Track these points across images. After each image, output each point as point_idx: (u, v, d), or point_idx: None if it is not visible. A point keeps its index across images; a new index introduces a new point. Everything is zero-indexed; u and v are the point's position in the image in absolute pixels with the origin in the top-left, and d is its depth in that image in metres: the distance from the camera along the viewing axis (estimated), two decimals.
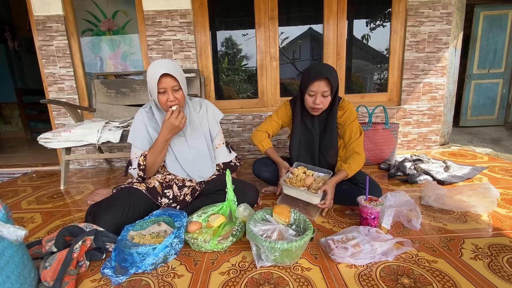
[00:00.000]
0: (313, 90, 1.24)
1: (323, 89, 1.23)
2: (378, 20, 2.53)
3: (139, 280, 0.85)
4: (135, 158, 1.22)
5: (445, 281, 0.78)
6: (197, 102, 1.37)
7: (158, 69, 1.10)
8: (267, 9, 2.31)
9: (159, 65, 1.11)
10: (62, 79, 2.32)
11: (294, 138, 1.43)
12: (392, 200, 1.13)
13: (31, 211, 1.48)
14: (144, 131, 1.24)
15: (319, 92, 1.24)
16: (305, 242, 0.87)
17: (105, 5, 2.31)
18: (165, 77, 1.11)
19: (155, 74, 1.10)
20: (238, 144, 2.45)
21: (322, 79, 1.21)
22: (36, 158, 2.93)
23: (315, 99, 1.25)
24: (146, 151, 1.18)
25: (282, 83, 2.51)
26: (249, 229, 0.91)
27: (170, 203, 1.19)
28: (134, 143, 1.23)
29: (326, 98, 1.26)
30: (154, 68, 1.11)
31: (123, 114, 2.12)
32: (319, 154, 1.42)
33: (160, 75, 1.09)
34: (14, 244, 0.71)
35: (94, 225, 1.01)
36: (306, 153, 1.45)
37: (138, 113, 1.26)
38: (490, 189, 1.21)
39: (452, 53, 2.45)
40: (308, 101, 1.29)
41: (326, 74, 1.21)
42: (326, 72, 1.22)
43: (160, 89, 1.13)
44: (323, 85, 1.22)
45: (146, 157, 1.17)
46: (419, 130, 2.47)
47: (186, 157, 1.26)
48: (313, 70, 1.24)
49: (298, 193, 1.20)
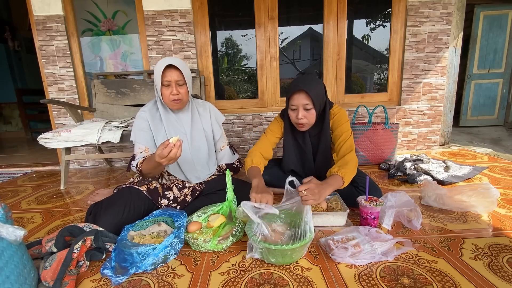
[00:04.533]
0: (293, 104, 1.18)
1: (303, 102, 1.15)
2: (378, 20, 2.53)
3: (139, 280, 0.85)
4: (139, 153, 1.21)
5: (445, 281, 0.78)
6: (200, 104, 1.37)
7: (164, 62, 1.12)
8: (267, 9, 2.31)
9: (167, 59, 1.13)
10: (62, 79, 2.32)
11: (286, 154, 1.38)
12: (392, 201, 1.13)
13: (31, 211, 1.48)
14: (146, 127, 1.23)
15: (300, 106, 1.16)
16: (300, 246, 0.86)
17: (105, 5, 2.31)
18: (170, 70, 1.12)
19: (161, 66, 1.12)
20: (238, 144, 2.45)
21: (300, 92, 1.14)
22: (36, 158, 2.93)
23: (297, 114, 1.18)
24: (144, 158, 1.15)
25: (282, 83, 2.51)
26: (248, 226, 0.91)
27: (170, 203, 1.19)
28: (136, 140, 1.22)
29: (310, 111, 1.17)
30: (161, 61, 1.13)
31: (123, 114, 2.12)
32: (315, 170, 1.37)
33: (165, 65, 1.11)
34: (13, 244, 0.71)
35: (94, 225, 1.01)
36: (302, 171, 1.40)
37: (139, 112, 1.26)
38: (490, 189, 1.21)
39: (452, 53, 2.45)
40: (292, 116, 1.22)
41: (304, 86, 1.13)
42: (304, 84, 1.14)
43: (164, 82, 1.13)
44: (303, 97, 1.14)
45: (142, 165, 1.14)
46: (419, 130, 2.47)
47: (185, 158, 1.26)
48: (292, 83, 1.19)
49: (324, 218, 1.12)
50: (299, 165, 1.40)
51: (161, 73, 1.12)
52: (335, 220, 1.12)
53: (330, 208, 1.17)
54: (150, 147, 1.22)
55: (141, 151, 1.20)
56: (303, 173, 1.42)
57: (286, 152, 1.37)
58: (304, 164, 1.39)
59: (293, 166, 1.39)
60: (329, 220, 1.13)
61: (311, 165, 1.36)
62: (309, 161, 1.36)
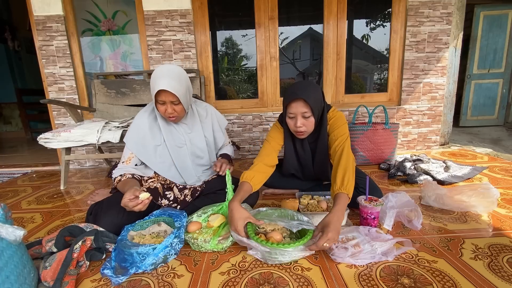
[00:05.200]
0: (291, 112, 1.13)
1: (301, 110, 1.10)
2: (378, 20, 2.53)
3: (139, 280, 0.85)
4: (121, 162, 1.20)
5: (445, 281, 0.78)
6: (202, 108, 1.34)
7: (159, 81, 1.04)
8: (267, 9, 2.31)
9: (162, 75, 1.05)
10: (62, 79, 2.32)
11: (286, 159, 1.36)
12: (393, 201, 1.13)
13: (31, 211, 1.48)
14: (141, 134, 1.20)
15: (298, 114, 1.12)
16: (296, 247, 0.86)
17: (105, 5, 2.31)
18: (165, 91, 1.06)
19: (155, 86, 1.05)
20: (238, 144, 2.45)
21: (298, 100, 1.09)
22: (36, 158, 2.93)
23: (295, 122, 1.13)
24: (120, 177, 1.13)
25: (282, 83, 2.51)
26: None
27: (170, 203, 1.19)
28: (126, 144, 1.20)
29: (309, 119, 1.13)
30: (156, 77, 1.05)
31: (123, 114, 2.12)
32: (314, 174, 1.38)
33: (158, 90, 1.05)
34: (13, 244, 0.71)
35: (94, 225, 1.01)
36: (301, 175, 1.41)
37: (139, 114, 1.23)
38: (490, 189, 1.21)
39: (452, 53, 2.45)
40: (290, 124, 1.18)
41: (302, 94, 1.08)
42: (302, 92, 1.09)
43: (159, 101, 1.10)
44: (301, 105, 1.10)
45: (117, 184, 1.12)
46: (419, 130, 2.47)
47: (186, 167, 1.25)
48: (290, 90, 1.14)
49: None
50: (299, 170, 1.40)
51: (154, 94, 1.08)
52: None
53: (330, 208, 1.17)
54: (137, 153, 1.19)
55: (124, 160, 1.19)
56: (302, 177, 1.43)
57: (286, 157, 1.36)
58: (303, 168, 1.39)
59: (293, 171, 1.40)
60: None
61: (310, 170, 1.37)
62: (308, 166, 1.36)
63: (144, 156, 1.20)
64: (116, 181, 1.12)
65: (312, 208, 1.18)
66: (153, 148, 1.21)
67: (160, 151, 1.22)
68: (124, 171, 1.15)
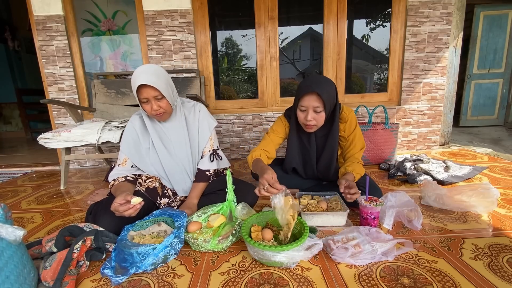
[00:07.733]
0: (303, 105, 1.13)
1: (314, 104, 1.11)
2: (378, 20, 2.53)
3: (139, 280, 0.85)
4: (117, 165, 1.21)
5: (445, 281, 0.78)
6: (189, 108, 1.29)
7: (137, 79, 1.04)
8: (267, 9, 2.31)
9: (139, 73, 1.04)
10: (62, 79, 2.32)
11: (289, 152, 1.34)
12: (393, 201, 1.13)
13: (31, 211, 1.48)
14: (134, 137, 1.21)
15: (310, 108, 1.12)
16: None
17: (105, 5, 2.31)
18: (145, 87, 1.05)
19: (134, 84, 1.05)
20: (238, 144, 2.45)
21: (312, 94, 1.10)
22: (36, 158, 2.93)
23: (306, 115, 1.14)
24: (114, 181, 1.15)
25: (282, 83, 2.51)
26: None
27: (170, 202, 1.19)
28: (121, 148, 1.21)
29: (319, 114, 1.13)
30: (134, 77, 1.05)
31: (123, 114, 2.12)
32: (316, 172, 1.36)
33: (137, 85, 1.04)
34: (13, 244, 0.71)
35: (94, 225, 1.01)
36: (303, 171, 1.39)
37: (132, 117, 1.24)
38: (490, 189, 1.21)
39: (452, 53, 2.45)
40: (300, 116, 1.18)
41: (317, 88, 1.08)
42: (317, 86, 1.09)
43: (142, 99, 1.09)
44: (314, 99, 1.10)
45: (111, 189, 1.14)
46: (419, 130, 2.47)
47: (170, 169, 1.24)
48: (304, 83, 1.14)
49: (324, 218, 1.12)
50: (301, 165, 1.38)
51: (135, 92, 1.07)
52: (335, 220, 1.12)
53: (330, 208, 1.17)
54: (130, 157, 1.20)
55: (119, 163, 1.20)
56: (304, 173, 1.41)
57: (289, 150, 1.34)
58: (306, 164, 1.37)
59: (295, 165, 1.37)
60: (329, 220, 1.13)
61: (313, 166, 1.35)
62: (311, 162, 1.34)
63: (136, 159, 1.20)
64: (110, 186, 1.13)
65: (312, 208, 1.18)
66: (145, 151, 1.22)
67: (151, 153, 1.22)
68: (117, 175, 1.16)
